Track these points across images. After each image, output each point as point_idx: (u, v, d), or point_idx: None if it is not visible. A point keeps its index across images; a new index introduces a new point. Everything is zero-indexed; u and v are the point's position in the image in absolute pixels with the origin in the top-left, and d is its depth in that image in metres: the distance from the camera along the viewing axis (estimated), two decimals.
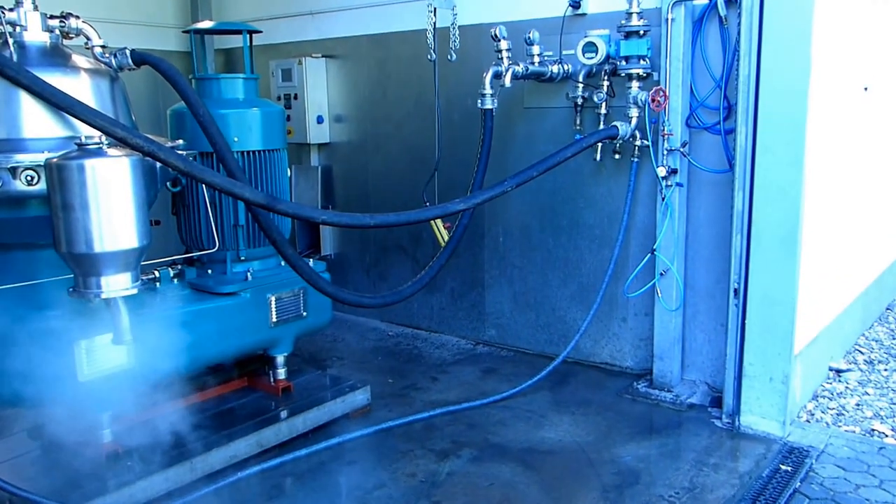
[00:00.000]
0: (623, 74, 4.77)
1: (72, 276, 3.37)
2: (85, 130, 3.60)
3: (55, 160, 3.21)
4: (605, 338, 5.39)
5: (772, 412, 4.31)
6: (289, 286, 4.58)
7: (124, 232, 3.29)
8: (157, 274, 4.44)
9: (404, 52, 6.02)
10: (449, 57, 5.30)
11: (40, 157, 3.41)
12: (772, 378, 4.27)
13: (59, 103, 3.53)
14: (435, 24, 5.25)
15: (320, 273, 4.66)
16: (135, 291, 3.40)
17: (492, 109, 4.75)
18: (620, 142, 4.83)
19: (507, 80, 4.71)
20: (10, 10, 3.79)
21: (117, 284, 3.34)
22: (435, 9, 5.24)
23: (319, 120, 6.57)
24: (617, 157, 4.96)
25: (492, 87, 4.73)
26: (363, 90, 6.40)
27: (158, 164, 3.83)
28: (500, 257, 5.70)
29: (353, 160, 6.55)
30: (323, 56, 6.54)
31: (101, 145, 3.28)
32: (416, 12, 5.76)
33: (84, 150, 3.26)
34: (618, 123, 4.76)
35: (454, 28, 5.29)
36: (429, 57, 5.25)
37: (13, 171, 3.42)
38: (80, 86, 3.81)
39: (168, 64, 4.09)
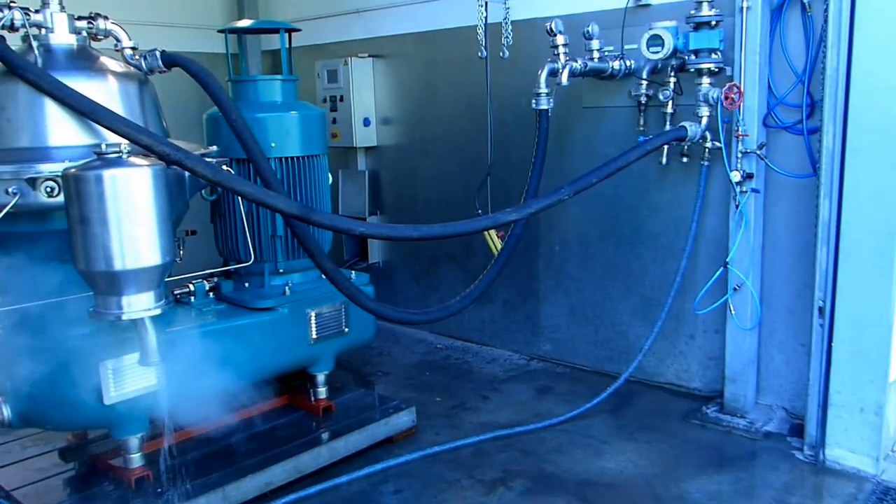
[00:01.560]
0: (692, 70, 4.35)
1: None
2: (111, 138, 3.38)
3: (72, 170, 2.97)
4: (670, 356, 4.97)
5: (862, 446, 3.85)
6: (329, 300, 4.29)
7: (147, 248, 3.03)
8: (191, 287, 4.21)
9: (454, 51, 5.70)
10: (501, 54, 4.94)
11: (62, 167, 3.18)
12: (863, 408, 3.81)
13: (82, 108, 3.31)
14: (486, 19, 4.90)
15: (363, 286, 4.37)
16: (158, 311, 3.14)
17: (547, 110, 4.39)
18: (689, 144, 4.41)
19: (564, 78, 4.34)
20: (36, 11, 3.58)
21: (139, 304, 3.09)
22: (486, 3, 4.89)
23: (366, 122, 6.29)
24: (685, 160, 4.54)
25: (547, 86, 4.37)
26: (411, 91, 6.10)
27: (188, 173, 3.57)
28: (557, 267, 5.33)
29: (402, 164, 6.25)
30: (369, 56, 6.26)
31: (121, 154, 3.02)
32: (465, 8, 5.42)
33: (104, 160, 3.01)
34: (686, 124, 4.35)
35: (507, 23, 4.93)
36: (480, 55, 4.91)
37: (33, 182, 3.19)
38: (106, 90, 3.59)
39: (199, 66, 3.83)
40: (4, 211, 3.14)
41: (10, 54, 3.33)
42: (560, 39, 4.39)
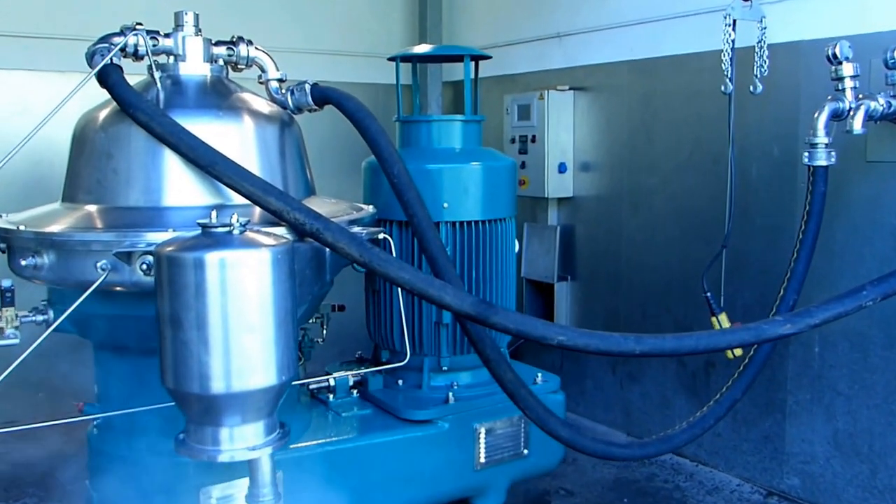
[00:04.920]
0: None
1: None
2: (236, 198, 2.56)
3: (166, 249, 2.12)
4: None
5: None
6: (506, 413, 3.27)
7: (258, 363, 2.15)
8: (331, 382, 3.32)
9: (678, 83, 4.52)
10: (752, 88, 3.74)
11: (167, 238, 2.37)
12: None
13: (196, 158, 2.49)
14: (734, 42, 3.72)
15: (551, 395, 3.31)
16: (268, 451, 2.22)
17: (826, 167, 3.14)
18: None
19: (858, 124, 3.06)
20: (167, 35, 2.83)
21: (243, 440, 2.19)
22: (734, 21, 3.70)
23: (562, 168, 5.22)
24: None
25: (827, 133, 3.11)
26: (620, 131, 4.96)
27: None
28: (815, 376, 3.96)
29: (603, 221, 5.11)
30: (570, 88, 5.19)
31: (231, 228, 2.13)
32: (694, 29, 4.26)
33: (209, 236, 2.14)
34: None
35: (761, 47, 3.72)
36: (723, 89, 3.72)
37: (127, 256, 2.39)
38: (239, 134, 2.80)
39: (357, 103, 2.95)
40: (88, 291, 2.36)
41: (122, 89, 2.59)
42: (848, 69, 3.13)
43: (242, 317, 2.08)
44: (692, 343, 2.52)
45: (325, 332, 3.54)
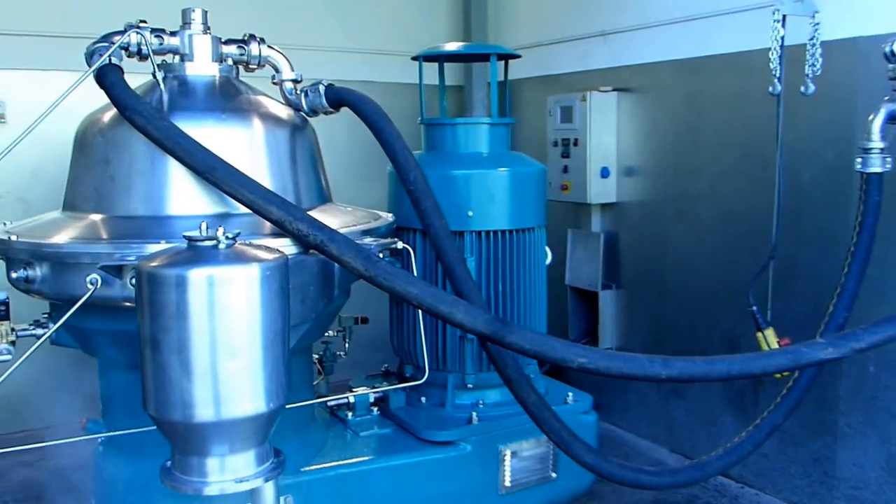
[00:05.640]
0: None
1: None
2: (244, 208, 2.44)
3: (147, 264, 2.00)
4: None
5: None
6: (533, 433, 3.06)
7: (244, 390, 2.01)
8: (350, 399, 3.17)
9: (726, 83, 4.25)
10: (803, 89, 3.48)
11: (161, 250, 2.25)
12: None
13: (194, 164, 2.37)
14: (783, 40, 3.46)
15: (582, 416, 3.12)
16: (258, 483, 2.08)
17: (881, 174, 2.88)
18: None
19: None
20: (173, 33, 2.72)
21: (232, 471, 2.07)
22: (784, 17, 3.44)
23: (605, 173, 5.00)
24: None
25: (883, 138, 2.85)
26: (665, 134, 4.71)
27: None
28: (869, 397, 3.67)
29: (647, 227, 4.87)
30: (613, 90, 4.96)
31: (217, 243, 2.01)
32: (746, 25, 4.00)
33: (195, 251, 2.02)
34: None
35: (814, 45, 3.46)
36: (771, 90, 3.47)
37: (118, 270, 2.29)
38: (247, 139, 2.68)
39: (372, 105, 2.81)
40: (75, 307, 2.26)
41: (119, 90, 2.48)
42: None
43: (227, 339, 1.94)
44: (724, 368, 2.30)
45: (347, 345, 3.42)
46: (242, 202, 2.34)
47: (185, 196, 2.51)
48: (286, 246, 2.38)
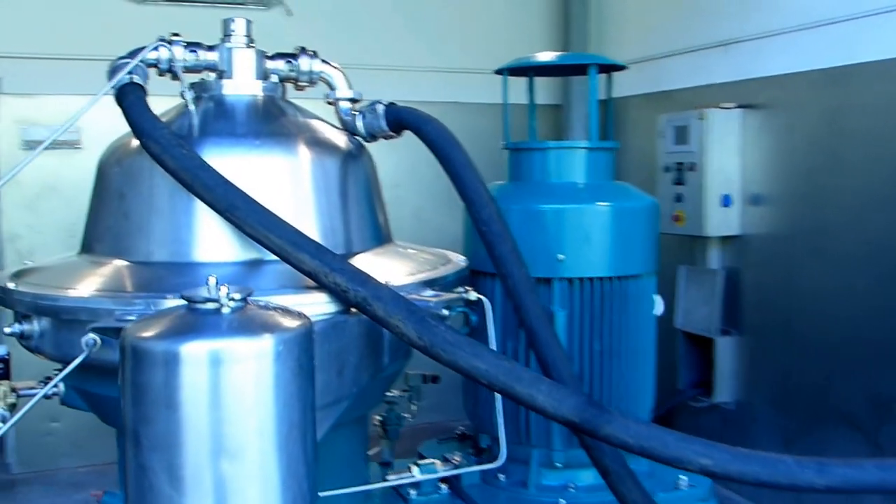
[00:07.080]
0: None
1: None
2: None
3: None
4: None
5: None
6: None
7: (253, 502, 1.53)
8: (415, 473, 2.67)
9: (877, 95, 3.63)
10: None
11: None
12: None
13: (214, 202, 1.95)
14: None
15: (701, 502, 2.51)
16: None
17: None
18: None
19: None
20: (211, 48, 2.33)
21: None
22: None
23: (726, 201, 4.42)
24: None
25: None
26: (799, 157, 4.11)
27: None
28: None
29: (776, 264, 4.26)
30: (737, 106, 4.39)
31: (220, 306, 1.55)
32: None
33: (194, 316, 1.57)
34: None
35: None
36: None
37: (117, 332, 1.87)
38: (291, 170, 2.27)
39: (438, 128, 2.33)
40: (64, 372, 1.88)
41: (137, 112, 2.09)
42: None
43: (227, 435, 1.49)
44: None
45: (414, 407, 2.94)
46: (269, 248, 1.90)
47: (210, 238, 2.09)
48: (326, 303, 1.92)
